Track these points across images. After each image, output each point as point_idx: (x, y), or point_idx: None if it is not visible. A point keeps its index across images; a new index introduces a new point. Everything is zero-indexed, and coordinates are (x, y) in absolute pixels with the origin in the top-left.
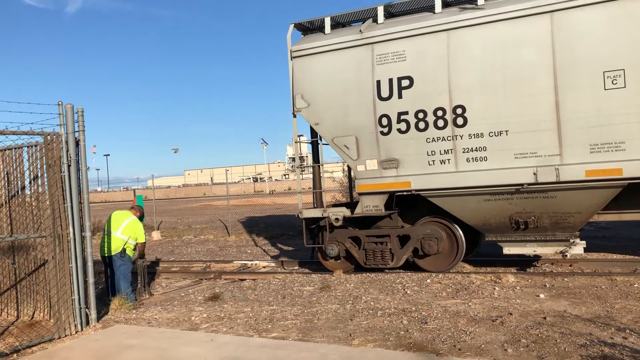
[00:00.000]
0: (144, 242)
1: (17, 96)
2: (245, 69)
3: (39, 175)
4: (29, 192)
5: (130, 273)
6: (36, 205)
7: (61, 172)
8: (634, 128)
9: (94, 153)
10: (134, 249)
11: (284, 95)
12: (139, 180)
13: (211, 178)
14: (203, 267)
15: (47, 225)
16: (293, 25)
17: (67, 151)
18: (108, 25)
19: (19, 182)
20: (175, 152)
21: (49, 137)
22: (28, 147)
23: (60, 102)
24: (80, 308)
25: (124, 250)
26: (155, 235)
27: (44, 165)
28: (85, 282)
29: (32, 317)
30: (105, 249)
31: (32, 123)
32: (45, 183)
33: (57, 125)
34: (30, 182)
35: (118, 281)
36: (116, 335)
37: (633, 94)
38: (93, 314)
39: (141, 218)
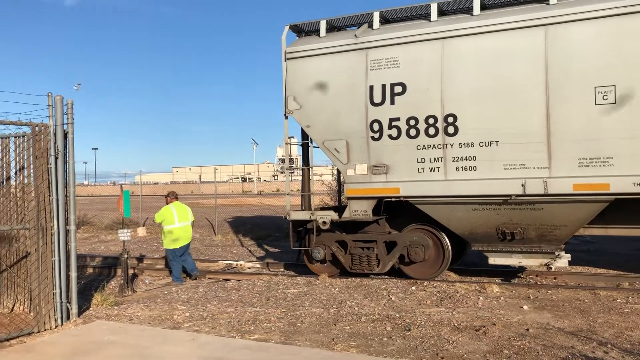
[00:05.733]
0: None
1: (7, 86)
2: (239, 69)
3: (25, 167)
4: (14, 183)
5: None
6: (21, 197)
7: (48, 164)
8: (622, 144)
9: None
10: None
11: (276, 96)
12: (126, 175)
13: (199, 176)
14: None
15: (32, 217)
16: (288, 26)
17: (55, 143)
18: (104, 19)
19: (5, 172)
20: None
21: (37, 128)
22: (15, 137)
23: (50, 94)
24: (62, 302)
25: None
26: (141, 231)
27: (31, 157)
28: (68, 276)
29: (12, 310)
30: (185, 240)
31: (20, 113)
32: (31, 174)
33: (46, 116)
34: (15, 173)
35: (191, 261)
36: (97, 331)
37: (623, 110)
38: (74, 309)
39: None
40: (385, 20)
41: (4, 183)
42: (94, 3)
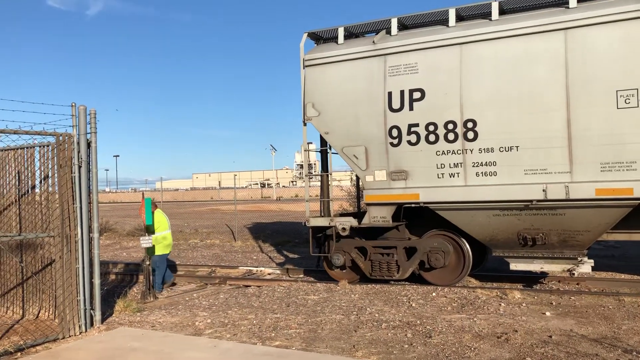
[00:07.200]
0: None
1: (31, 96)
2: (258, 75)
3: (50, 175)
4: (39, 192)
5: None
6: (45, 205)
7: (72, 173)
8: None
9: None
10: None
11: (294, 102)
12: (147, 182)
13: (219, 182)
14: (208, 271)
15: (56, 225)
16: (306, 34)
17: (79, 152)
18: (126, 28)
19: (30, 181)
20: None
21: (61, 138)
22: (40, 147)
23: (73, 104)
24: (85, 309)
25: None
26: None
27: (55, 166)
28: (91, 283)
29: (37, 316)
30: (170, 247)
31: (45, 123)
32: (56, 183)
33: (70, 126)
34: (40, 182)
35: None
36: (120, 338)
37: None
38: (98, 315)
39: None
40: (403, 26)
41: (29, 192)
42: (115, 13)
